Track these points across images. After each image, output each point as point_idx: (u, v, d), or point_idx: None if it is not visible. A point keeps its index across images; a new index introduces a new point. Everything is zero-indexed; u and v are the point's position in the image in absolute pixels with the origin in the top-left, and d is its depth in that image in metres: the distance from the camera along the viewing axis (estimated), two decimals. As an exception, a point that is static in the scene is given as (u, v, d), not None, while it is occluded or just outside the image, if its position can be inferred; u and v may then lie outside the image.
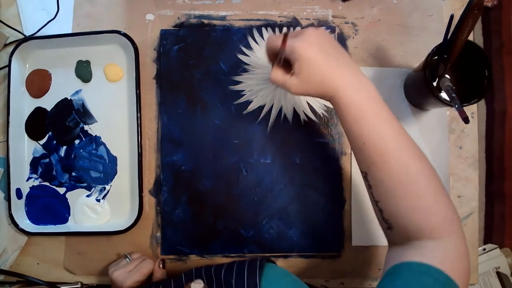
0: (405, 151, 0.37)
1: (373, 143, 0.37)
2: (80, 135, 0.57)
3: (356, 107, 0.37)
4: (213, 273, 0.43)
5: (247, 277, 0.40)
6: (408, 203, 0.36)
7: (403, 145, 0.37)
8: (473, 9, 0.39)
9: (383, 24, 0.57)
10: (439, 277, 0.32)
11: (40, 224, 0.57)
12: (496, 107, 0.59)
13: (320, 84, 0.38)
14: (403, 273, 0.33)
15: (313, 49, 0.37)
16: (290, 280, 0.43)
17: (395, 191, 0.36)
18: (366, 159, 0.38)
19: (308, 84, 0.39)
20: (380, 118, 0.37)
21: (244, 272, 0.40)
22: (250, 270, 0.41)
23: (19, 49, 0.56)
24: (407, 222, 0.36)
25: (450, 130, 0.56)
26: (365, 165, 0.38)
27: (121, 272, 0.49)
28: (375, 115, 0.37)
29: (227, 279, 0.40)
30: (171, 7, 0.58)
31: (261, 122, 0.56)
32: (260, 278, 0.39)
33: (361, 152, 0.38)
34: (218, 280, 0.41)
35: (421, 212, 0.35)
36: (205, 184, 0.56)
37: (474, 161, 0.56)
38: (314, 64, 0.37)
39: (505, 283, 0.57)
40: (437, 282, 0.31)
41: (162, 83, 0.57)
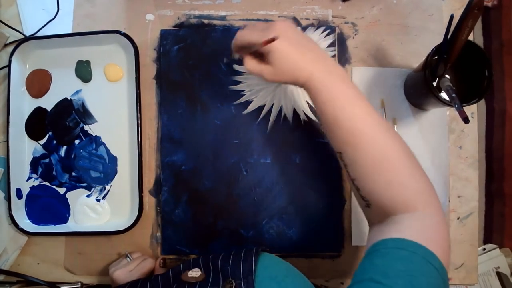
0: (376, 129, 0.38)
1: (345, 124, 0.38)
2: (80, 135, 0.57)
3: (327, 90, 0.39)
4: (210, 261, 0.43)
5: (242, 263, 0.40)
6: (382, 179, 0.37)
7: (374, 124, 0.38)
8: (473, 9, 0.39)
9: (383, 24, 0.57)
10: (417, 249, 0.32)
11: (40, 224, 0.57)
12: (496, 107, 0.59)
13: (292, 71, 0.40)
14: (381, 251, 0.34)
15: (284, 40, 0.39)
16: (284, 266, 0.44)
17: (369, 168, 0.37)
18: (339, 140, 0.39)
19: (281, 73, 0.41)
20: (350, 99, 0.39)
21: (240, 259, 0.41)
22: (245, 257, 0.41)
23: (19, 49, 0.56)
24: (382, 198, 0.37)
25: (450, 130, 0.56)
26: (339, 145, 0.40)
27: (122, 271, 0.49)
28: (345, 97, 0.39)
29: (224, 266, 0.41)
30: (171, 7, 0.58)
31: (261, 122, 0.56)
32: (256, 264, 0.40)
33: (334, 133, 0.40)
34: (214, 267, 0.42)
35: (395, 187, 0.36)
36: (205, 184, 0.56)
37: (474, 161, 0.56)
38: (286, 54, 0.40)
39: (505, 283, 0.57)
40: (414, 254, 0.32)
41: (162, 83, 0.57)
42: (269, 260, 0.43)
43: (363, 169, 0.38)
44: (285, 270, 0.43)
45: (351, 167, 0.39)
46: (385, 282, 0.30)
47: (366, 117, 0.38)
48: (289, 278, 0.41)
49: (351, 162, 0.39)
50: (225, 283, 0.38)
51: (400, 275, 0.30)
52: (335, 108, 0.39)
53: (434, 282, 0.31)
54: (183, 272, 0.43)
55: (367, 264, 0.34)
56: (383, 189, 0.37)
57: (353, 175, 0.39)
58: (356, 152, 0.38)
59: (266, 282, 0.38)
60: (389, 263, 0.32)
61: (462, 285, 0.56)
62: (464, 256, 0.55)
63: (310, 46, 0.41)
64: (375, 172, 0.37)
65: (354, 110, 0.38)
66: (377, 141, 0.38)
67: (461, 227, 0.55)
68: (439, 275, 0.31)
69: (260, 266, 0.40)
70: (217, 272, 0.41)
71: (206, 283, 0.40)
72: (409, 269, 0.31)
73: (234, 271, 0.40)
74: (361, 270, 0.34)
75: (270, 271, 0.41)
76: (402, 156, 0.37)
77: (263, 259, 0.42)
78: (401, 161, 0.37)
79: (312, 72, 0.39)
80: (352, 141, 0.38)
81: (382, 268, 0.32)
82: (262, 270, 0.40)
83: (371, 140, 0.38)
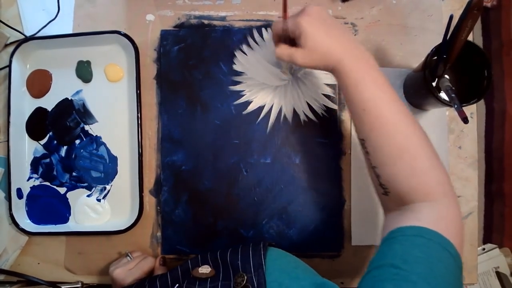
0: (401, 116, 0.38)
1: (373, 109, 0.39)
2: (80, 135, 0.57)
3: (357, 74, 0.40)
4: (219, 257, 0.44)
5: (252, 257, 0.41)
6: (405, 167, 0.37)
7: (399, 111, 0.39)
8: (472, 9, 0.39)
9: (383, 24, 0.57)
10: (434, 237, 0.33)
11: (40, 224, 0.58)
12: (495, 107, 0.59)
13: (323, 54, 0.41)
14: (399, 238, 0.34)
15: (316, 23, 0.40)
16: (292, 259, 0.44)
17: (393, 155, 0.38)
18: (365, 125, 0.40)
19: (313, 55, 0.41)
20: (379, 85, 0.39)
21: (249, 253, 0.42)
22: (254, 251, 0.42)
23: (20, 49, 0.57)
24: (403, 185, 0.37)
25: (449, 130, 0.56)
26: (364, 131, 0.40)
27: (122, 270, 0.49)
28: (374, 82, 0.39)
29: (233, 261, 0.42)
30: (171, 8, 0.59)
31: (261, 122, 0.56)
32: (265, 257, 0.41)
33: (360, 119, 0.40)
34: (224, 262, 0.43)
35: (417, 176, 0.37)
36: (205, 184, 0.56)
37: (473, 161, 0.56)
38: (318, 36, 0.40)
39: (504, 283, 0.57)
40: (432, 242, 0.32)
41: (162, 83, 0.57)
42: (277, 253, 0.44)
43: (385, 156, 0.38)
44: (293, 262, 0.44)
45: (374, 153, 0.39)
46: (405, 267, 0.31)
47: (392, 104, 0.39)
48: (298, 269, 0.41)
49: (374, 148, 0.39)
50: (236, 277, 0.39)
51: (418, 261, 0.31)
52: (363, 92, 0.39)
53: (451, 269, 0.32)
54: (192, 269, 0.44)
55: (386, 250, 0.34)
56: (405, 177, 0.37)
57: (374, 162, 0.39)
58: (381, 138, 0.38)
59: (277, 274, 0.39)
60: (408, 249, 0.32)
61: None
62: (464, 256, 0.54)
63: (341, 30, 0.42)
64: (398, 160, 0.37)
65: (381, 96, 0.39)
66: (402, 128, 0.38)
67: (461, 227, 0.55)
68: (455, 262, 0.32)
69: (269, 259, 0.41)
70: (227, 267, 0.42)
71: (217, 278, 0.41)
72: (427, 255, 0.32)
73: (244, 265, 0.40)
74: (379, 256, 0.34)
75: (280, 264, 0.41)
76: (424, 145, 0.38)
77: (271, 253, 0.43)
78: (423, 150, 0.37)
79: (343, 56, 0.40)
80: (377, 126, 0.38)
81: (401, 254, 0.32)
82: (272, 263, 0.40)
83: (396, 127, 0.38)
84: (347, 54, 0.40)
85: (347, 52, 0.40)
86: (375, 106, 0.39)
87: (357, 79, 0.39)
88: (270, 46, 0.57)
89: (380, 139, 0.38)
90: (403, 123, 0.38)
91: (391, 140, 0.38)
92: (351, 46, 0.41)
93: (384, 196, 0.40)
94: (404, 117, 0.38)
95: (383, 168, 0.39)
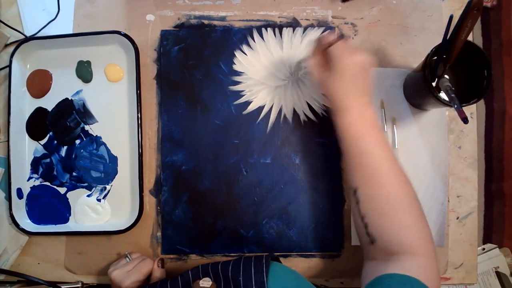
0: (395, 171, 0.41)
1: (368, 161, 0.41)
2: (80, 135, 0.58)
3: (361, 128, 0.42)
4: (220, 270, 0.43)
5: (254, 274, 0.41)
6: (394, 219, 0.40)
7: (394, 166, 0.41)
8: (472, 9, 0.39)
9: (383, 24, 0.57)
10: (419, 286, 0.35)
11: (40, 223, 0.58)
12: (495, 107, 0.59)
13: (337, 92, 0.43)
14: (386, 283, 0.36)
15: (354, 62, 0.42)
16: (294, 276, 0.44)
17: (384, 207, 0.40)
18: (358, 175, 0.42)
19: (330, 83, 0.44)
20: (377, 140, 0.42)
21: (251, 269, 0.42)
22: (256, 267, 0.42)
23: (20, 49, 0.57)
24: (391, 237, 0.39)
25: (449, 130, 0.56)
26: (356, 181, 0.42)
27: (120, 271, 0.49)
28: (374, 137, 0.42)
29: (235, 277, 0.41)
30: (171, 8, 0.59)
31: (261, 122, 0.56)
32: (267, 275, 0.41)
33: (355, 169, 0.43)
34: (225, 277, 0.42)
35: (405, 229, 0.39)
36: (205, 184, 0.56)
37: (473, 161, 0.56)
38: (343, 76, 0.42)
39: (504, 283, 0.57)
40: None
41: (162, 83, 0.57)
42: (280, 270, 0.44)
43: (376, 207, 0.40)
44: (295, 279, 0.44)
45: (364, 203, 0.41)
46: None
47: (387, 159, 0.41)
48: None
49: (365, 198, 0.41)
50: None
51: None
52: (361, 147, 0.42)
53: None
54: (193, 281, 0.43)
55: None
56: (393, 229, 0.39)
57: (364, 211, 0.41)
58: (373, 190, 0.41)
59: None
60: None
61: (461, 285, 0.56)
62: (464, 256, 0.55)
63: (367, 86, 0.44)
64: (388, 212, 0.40)
65: (378, 153, 0.41)
66: (394, 182, 0.41)
67: (461, 226, 0.55)
68: None
69: (271, 277, 0.41)
70: (228, 282, 0.41)
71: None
72: None
73: (246, 283, 0.40)
74: None
75: (282, 282, 0.41)
76: (413, 200, 0.41)
77: (273, 269, 0.42)
78: (412, 206, 0.40)
79: (353, 106, 0.42)
80: (371, 178, 0.41)
81: None
82: (274, 281, 0.40)
83: (389, 181, 0.40)
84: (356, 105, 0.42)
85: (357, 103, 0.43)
86: (372, 160, 0.41)
87: (359, 131, 0.42)
88: (270, 46, 0.57)
89: (373, 190, 0.41)
90: (395, 178, 0.41)
91: (383, 193, 0.40)
92: (362, 99, 0.43)
93: (369, 245, 0.41)
94: (397, 172, 0.41)
95: (373, 218, 0.41)
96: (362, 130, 0.42)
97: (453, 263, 0.55)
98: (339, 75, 0.42)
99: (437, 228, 0.54)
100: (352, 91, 0.43)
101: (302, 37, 0.57)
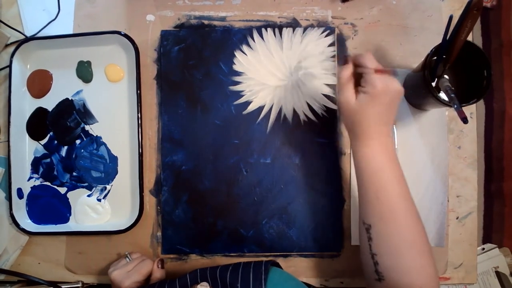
0: (412, 211, 0.40)
1: (386, 199, 0.40)
2: (81, 135, 0.58)
3: (381, 161, 0.41)
4: (218, 275, 0.43)
5: (252, 282, 0.40)
6: (407, 260, 0.38)
7: (410, 206, 0.40)
8: (472, 9, 0.39)
9: (383, 24, 0.57)
10: None
11: (41, 223, 0.58)
12: (495, 107, 0.59)
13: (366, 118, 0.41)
14: None
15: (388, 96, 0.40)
16: (294, 283, 0.44)
17: (399, 247, 0.39)
18: (375, 213, 0.40)
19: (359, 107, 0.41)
20: (396, 177, 0.40)
21: (250, 276, 0.41)
22: (255, 274, 0.41)
23: (20, 49, 0.57)
24: (401, 277, 0.38)
25: (449, 130, 0.56)
26: (372, 218, 0.40)
27: (120, 272, 0.49)
28: (393, 173, 0.40)
29: (233, 283, 0.41)
30: (171, 8, 0.59)
31: (261, 122, 0.56)
32: (265, 283, 0.40)
33: (372, 205, 0.40)
34: (223, 283, 0.42)
35: (416, 270, 0.38)
36: (205, 184, 0.56)
37: (473, 161, 0.56)
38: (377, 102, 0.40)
39: (504, 283, 0.57)
40: None
41: (162, 83, 0.57)
42: (279, 276, 0.43)
43: (390, 246, 0.39)
44: (295, 286, 0.43)
45: (377, 241, 0.40)
46: None
47: (404, 198, 0.40)
48: None
49: (379, 236, 0.40)
50: None
51: None
52: (380, 180, 0.40)
53: None
54: (190, 285, 0.43)
55: None
56: (405, 270, 0.38)
57: (375, 250, 0.40)
58: (387, 229, 0.39)
59: None
60: None
61: (461, 285, 0.56)
62: (463, 256, 0.55)
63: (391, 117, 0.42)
64: (401, 252, 0.38)
65: (397, 188, 0.40)
66: (409, 223, 0.39)
67: (460, 226, 0.55)
68: None
69: (270, 285, 0.41)
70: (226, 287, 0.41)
71: None
72: None
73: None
74: None
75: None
76: (425, 239, 0.39)
77: (272, 276, 0.42)
78: (425, 246, 0.39)
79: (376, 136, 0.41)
80: (386, 216, 0.39)
81: None
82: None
83: (404, 221, 0.39)
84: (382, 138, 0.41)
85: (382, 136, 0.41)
86: (391, 198, 0.39)
87: (378, 167, 0.40)
88: (270, 46, 0.57)
89: (389, 229, 0.39)
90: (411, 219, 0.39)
91: (400, 233, 0.39)
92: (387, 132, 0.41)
93: (376, 282, 0.40)
94: (412, 213, 0.40)
95: (384, 258, 0.39)
96: (383, 162, 0.40)
97: (453, 263, 0.55)
98: (372, 101, 0.40)
99: (437, 228, 0.54)
100: (379, 121, 0.41)
101: (302, 37, 0.57)
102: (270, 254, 0.56)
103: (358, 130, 0.42)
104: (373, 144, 0.41)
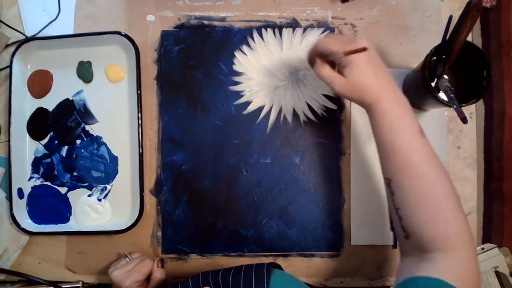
0: (430, 163, 0.38)
1: (403, 151, 0.39)
2: (81, 135, 0.58)
3: (392, 116, 0.40)
4: (220, 279, 0.43)
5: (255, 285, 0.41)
6: (428, 213, 0.37)
7: (429, 157, 0.39)
8: (472, 9, 0.39)
9: (382, 25, 0.57)
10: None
11: (41, 223, 0.58)
12: (494, 107, 0.59)
13: (362, 90, 0.41)
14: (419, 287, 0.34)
15: (364, 59, 0.40)
16: (296, 285, 0.44)
17: (417, 199, 0.38)
18: (393, 166, 0.40)
19: (352, 87, 0.41)
20: (411, 129, 0.39)
21: (252, 279, 0.41)
22: (257, 277, 0.41)
23: (21, 49, 0.57)
24: (424, 232, 0.37)
25: (448, 130, 0.56)
26: (391, 172, 0.40)
27: (120, 271, 0.49)
28: (407, 126, 0.40)
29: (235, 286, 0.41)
30: (171, 8, 0.59)
31: (261, 122, 0.56)
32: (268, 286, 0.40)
33: (389, 159, 0.40)
34: (225, 285, 0.42)
35: (438, 224, 0.37)
36: (205, 184, 0.56)
37: (472, 161, 0.56)
38: (363, 72, 0.40)
39: (503, 283, 0.57)
40: None
41: (162, 83, 0.58)
42: (281, 279, 0.43)
43: (409, 200, 0.38)
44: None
45: (398, 196, 0.39)
46: None
47: (422, 149, 0.39)
48: None
49: (399, 190, 0.39)
50: None
51: None
52: (396, 134, 0.39)
53: None
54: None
55: None
56: (426, 224, 0.37)
57: (398, 204, 0.39)
58: (407, 182, 0.38)
59: None
60: None
61: (461, 284, 0.56)
62: (463, 256, 0.55)
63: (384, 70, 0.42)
64: (421, 205, 0.37)
65: (413, 140, 0.39)
66: (429, 175, 0.38)
67: (460, 226, 0.56)
68: None
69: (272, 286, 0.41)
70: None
71: None
72: None
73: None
74: None
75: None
76: (449, 194, 0.38)
77: (274, 279, 0.42)
78: (448, 199, 0.37)
79: (380, 96, 0.40)
80: (404, 169, 0.39)
81: None
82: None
83: (423, 172, 0.38)
84: (385, 94, 0.40)
85: (386, 93, 0.40)
86: (406, 149, 0.39)
87: (392, 121, 0.40)
88: (270, 46, 0.57)
89: (407, 181, 0.38)
90: (430, 170, 0.38)
91: (417, 184, 0.38)
92: (390, 88, 0.41)
93: (404, 239, 0.40)
94: (433, 164, 0.38)
95: (406, 211, 0.38)
96: (394, 117, 0.40)
97: (453, 262, 0.55)
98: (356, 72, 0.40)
99: (436, 228, 0.54)
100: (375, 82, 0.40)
101: (302, 38, 0.57)
102: (270, 254, 0.56)
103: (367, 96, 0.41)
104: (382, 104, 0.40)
